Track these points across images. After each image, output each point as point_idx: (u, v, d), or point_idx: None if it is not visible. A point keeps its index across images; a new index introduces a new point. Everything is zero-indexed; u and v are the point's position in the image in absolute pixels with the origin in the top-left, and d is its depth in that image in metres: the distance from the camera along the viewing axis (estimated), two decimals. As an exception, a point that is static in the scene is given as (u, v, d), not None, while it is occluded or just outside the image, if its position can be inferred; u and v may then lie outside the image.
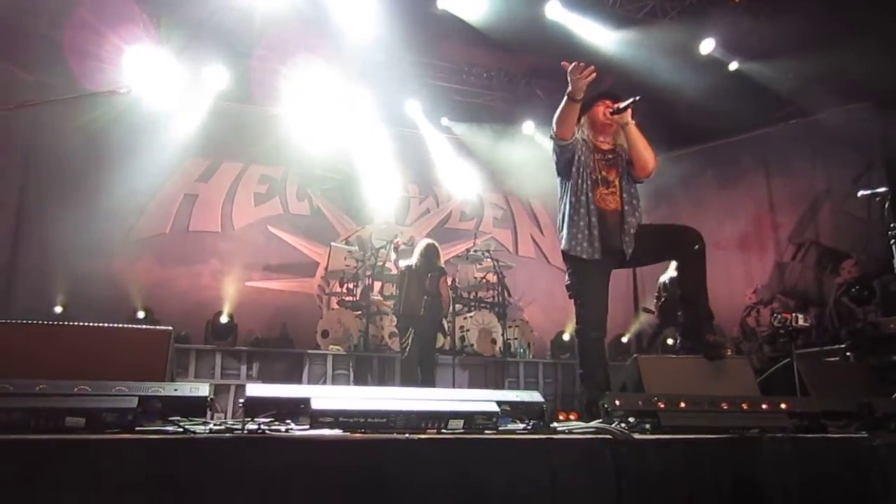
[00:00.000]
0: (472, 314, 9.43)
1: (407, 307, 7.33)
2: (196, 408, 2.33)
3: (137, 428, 2.17)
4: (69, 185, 9.31)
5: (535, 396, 2.74)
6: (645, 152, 3.91)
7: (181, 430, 2.18)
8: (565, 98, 3.73)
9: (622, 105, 3.86)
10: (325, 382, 8.15)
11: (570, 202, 3.90)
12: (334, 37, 9.53)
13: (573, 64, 3.66)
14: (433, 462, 2.21)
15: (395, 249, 8.83)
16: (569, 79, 3.68)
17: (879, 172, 8.99)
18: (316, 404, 2.31)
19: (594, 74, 3.66)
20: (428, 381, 7.31)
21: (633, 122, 3.93)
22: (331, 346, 8.62)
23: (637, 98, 3.84)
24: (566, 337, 10.10)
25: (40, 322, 2.78)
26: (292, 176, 11.21)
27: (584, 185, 3.87)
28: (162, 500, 1.92)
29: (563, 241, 3.93)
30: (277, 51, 9.76)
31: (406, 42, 9.40)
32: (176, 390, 2.30)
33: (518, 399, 2.70)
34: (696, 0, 8.89)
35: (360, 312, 9.05)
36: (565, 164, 3.94)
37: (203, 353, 8.11)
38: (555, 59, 9.37)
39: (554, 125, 3.86)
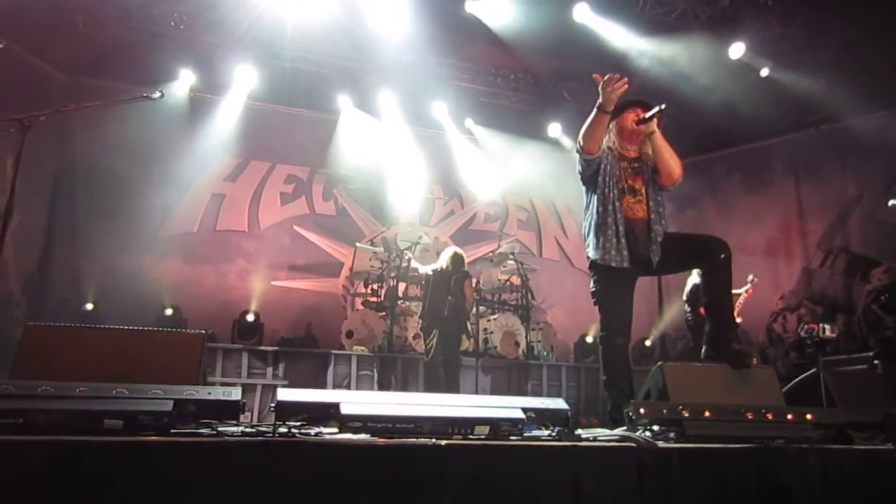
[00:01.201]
0: (495, 316, 9.44)
1: (431, 308, 7.41)
2: (229, 411, 2.38)
3: (172, 430, 2.22)
4: (99, 184, 9.51)
5: (559, 404, 2.76)
6: (671, 161, 3.90)
7: (214, 433, 2.24)
8: (595, 110, 3.71)
9: (648, 115, 3.85)
10: (349, 383, 8.22)
11: (598, 212, 3.89)
12: (363, 38, 9.63)
13: (606, 76, 3.65)
14: (459, 467, 2.24)
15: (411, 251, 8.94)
16: (600, 90, 3.66)
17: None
18: (345, 409, 2.36)
19: (627, 86, 3.66)
20: (452, 382, 7.36)
21: (659, 130, 3.92)
22: (355, 347, 8.69)
23: (663, 107, 3.83)
24: (589, 339, 10.10)
25: (78, 325, 2.85)
26: (318, 176, 11.31)
27: (612, 195, 3.86)
28: (196, 501, 1.97)
29: (591, 251, 3.93)
30: (306, 52, 9.89)
31: (433, 44, 9.45)
32: (209, 394, 2.36)
33: (543, 406, 2.72)
34: (727, 4, 8.83)
35: (384, 313, 9.11)
36: (591, 175, 3.94)
37: (230, 353, 8.21)
38: (582, 62, 9.41)
39: (581, 139, 3.84)
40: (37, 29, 8.39)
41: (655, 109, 3.84)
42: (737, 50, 9.18)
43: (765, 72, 9.36)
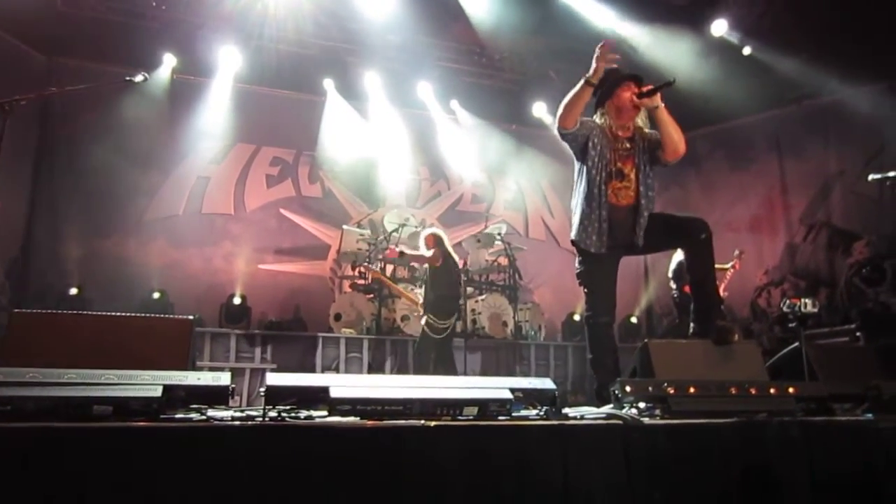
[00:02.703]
0: (483, 297, 9.47)
1: (453, 291, 7.44)
2: (218, 396, 2.39)
3: (162, 416, 2.23)
4: (81, 167, 9.42)
5: (547, 384, 2.78)
6: (676, 136, 3.86)
7: (204, 418, 2.25)
8: (582, 82, 3.69)
9: (654, 87, 3.80)
10: (338, 365, 8.24)
11: (584, 193, 3.89)
12: (346, 19, 9.58)
13: (604, 42, 3.63)
14: (448, 448, 2.27)
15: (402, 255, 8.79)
16: (594, 59, 3.63)
17: (893, 154, 8.94)
18: (335, 392, 2.37)
19: (616, 60, 3.66)
20: (451, 362, 7.38)
21: (663, 104, 3.85)
22: (343, 329, 8.70)
23: (672, 81, 3.81)
24: (577, 318, 10.17)
25: (65, 312, 2.85)
26: (304, 158, 11.23)
27: (598, 178, 3.84)
28: (187, 485, 1.99)
29: (574, 231, 3.95)
30: (289, 32, 9.80)
31: (417, 23, 9.40)
32: (199, 379, 2.37)
33: (531, 386, 2.75)
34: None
35: (372, 296, 9.11)
36: (580, 149, 3.91)
37: (218, 337, 8.21)
38: (566, 41, 9.34)
39: (560, 110, 3.78)
40: (15, 9, 8.23)
41: (663, 83, 3.81)
42: (718, 27, 9.19)
43: (747, 50, 9.38)
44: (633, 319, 10.85)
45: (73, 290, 8.94)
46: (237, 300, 9.38)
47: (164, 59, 9.77)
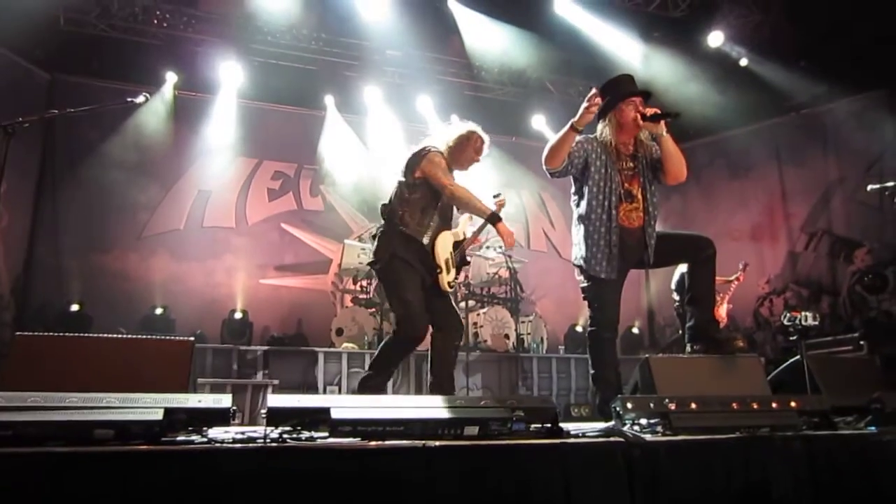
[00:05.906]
0: (484, 310, 9.43)
1: None
2: (219, 418, 2.39)
3: (163, 439, 2.23)
4: (83, 183, 9.45)
5: (547, 401, 2.79)
6: (680, 164, 3.88)
7: (205, 440, 2.25)
8: (568, 127, 3.65)
9: (658, 114, 3.77)
10: (340, 381, 8.19)
11: (589, 216, 3.84)
12: (346, 34, 9.64)
13: (596, 91, 3.61)
14: (449, 468, 2.27)
15: None
16: (584, 105, 3.58)
17: (893, 161, 8.95)
18: (335, 414, 2.37)
19: (598, 105, 3.64)
20: None
21: (666, 132, 3.83)
22: (345, 344, 8.66)
23: (677, 114, 3.82)
24: (579, 329, 10.14)
25: (67, 335, 2.86)
26: (305, 172, 11.25)
27: (607, 202, 3.80)
28: (189, 508, 1.99)
29: (582, 257, 3.87)
30: (290, 48, 9.87)
31: (417, 38, 9.47)
32: (200, 402, 2.37)
33: (531, 404, 2.76)
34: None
35: (374, 310, 9.09)
36: (580, 173, 3.90)
37: (219, 353, 8.16)
38: (565, 54, 9.36)
39: (546, 153, 3.76)
40: (18, 28, 8.28)
41: (667, 113, 3.79)
42: (715, 39, 9.23)
43: (744, 62, 9.42)
44: (635, 330, 10.81)
45: (75, 307, 8.90)
46: (238, 315, 9.37)
47: (167, 76, 9.83)
